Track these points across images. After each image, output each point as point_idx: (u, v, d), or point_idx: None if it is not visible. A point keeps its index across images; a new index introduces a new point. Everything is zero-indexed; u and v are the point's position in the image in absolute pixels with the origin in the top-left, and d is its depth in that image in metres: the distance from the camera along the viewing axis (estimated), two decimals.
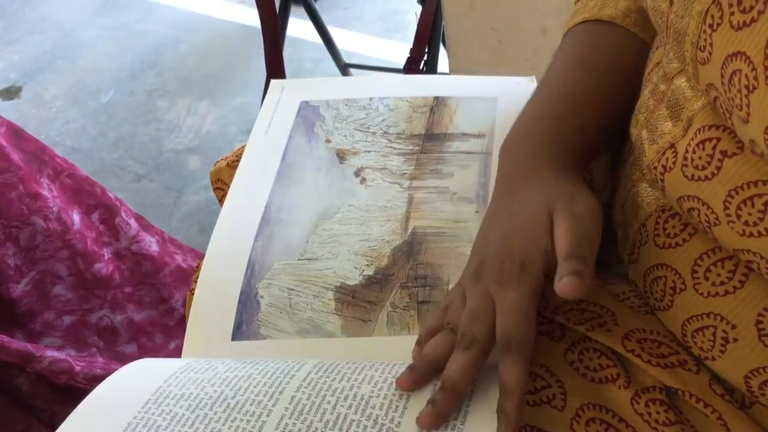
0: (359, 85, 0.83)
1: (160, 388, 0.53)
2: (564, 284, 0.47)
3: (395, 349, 0.59)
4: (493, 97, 0.78)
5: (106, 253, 1.15)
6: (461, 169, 0.71)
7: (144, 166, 1.86)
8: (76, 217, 1.11)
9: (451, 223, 0.66)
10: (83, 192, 1.15)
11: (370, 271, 0.64)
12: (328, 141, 0.76)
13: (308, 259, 0.66)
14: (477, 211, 0.67)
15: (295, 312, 0.63)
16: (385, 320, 0.61)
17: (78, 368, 1.02)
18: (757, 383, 0.50)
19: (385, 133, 0.76)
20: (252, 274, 0.66)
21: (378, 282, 0.63)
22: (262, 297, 0.64)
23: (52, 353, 1.01)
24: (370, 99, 0.80)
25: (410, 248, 0.65)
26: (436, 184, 0.70)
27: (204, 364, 0.57)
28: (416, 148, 0.74)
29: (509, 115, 0.75)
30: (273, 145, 0.76)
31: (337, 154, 0.74)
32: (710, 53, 0.45)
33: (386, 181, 0.71)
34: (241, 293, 0.64)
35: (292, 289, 0.64)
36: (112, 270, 1.14)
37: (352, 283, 0.64)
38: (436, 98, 0.79)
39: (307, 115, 0.79)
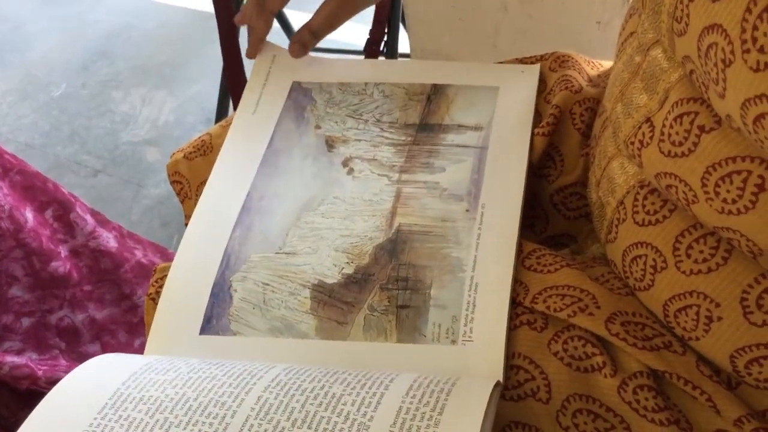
0: (356, 67, 0.78)
1: (118, 390, 0.51)
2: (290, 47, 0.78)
3: (370, 357, 0.57)
4: (495, 87, 0.73)
5: (63, 250, 1.11)
6: (454, 164, 0.68)
7: (100, 160, 1.81)
8: (28, 215, 1.07)
9: (439, 221, 0.63)
10: (35, 189, 1.10)
11: (349, 270, 0.61)
12: (317, 127, 0.72)
13: (286, 253, 0.63)
14: (467, 210, 0.64)
15: (269, 309, 0.60)
16: (362, 324, 0.58)
17: (40, 372, 0.99)
18: (743, 362, 0.49)
19: (378, 121, 0.72)
20: (227, 266, 0.63)
21: (357, 282, 0.61)
22: (235, 291, 0.61)
23: (12, 359, 0.98)
24: (366, 84, 0.76)
25: (394, 247, 0.62)
26: (426, 178, 0.67)
27: (166, 364, 0.54)
28: (409, 138, 0.70)
29: (509, 107, 0.71)
30: (260, 127, 0.73)
31: (326, 142, 0.71)
32: (687, 24, 0.43)
33: (374, 173, 0.68)
34: (214, 285, 0.62)
35: (267, 284, 0.61)
36: (69, 268, 1.11)
37: (330, 281, 0.61)
38: (435, 86, 0.75)
39: (299, 98, 0.75)
